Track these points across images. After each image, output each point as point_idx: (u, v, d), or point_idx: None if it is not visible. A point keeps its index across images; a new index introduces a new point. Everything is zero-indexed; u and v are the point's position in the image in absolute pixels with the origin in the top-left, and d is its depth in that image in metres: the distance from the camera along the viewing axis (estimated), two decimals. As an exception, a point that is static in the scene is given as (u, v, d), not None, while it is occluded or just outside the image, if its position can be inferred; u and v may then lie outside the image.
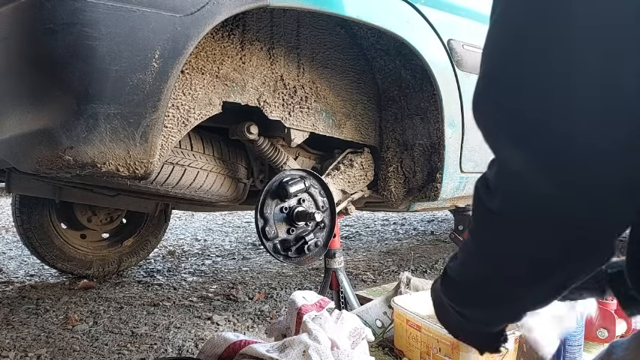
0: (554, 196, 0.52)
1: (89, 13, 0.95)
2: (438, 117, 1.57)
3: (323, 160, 1.78)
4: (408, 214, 4.42)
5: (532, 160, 0.52)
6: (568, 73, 0.50)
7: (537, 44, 0.51)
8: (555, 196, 0.52)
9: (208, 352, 1.31)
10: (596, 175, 0.50)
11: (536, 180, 0.52)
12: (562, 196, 0.51)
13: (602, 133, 0.49)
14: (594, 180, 0.50)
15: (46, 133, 0.98)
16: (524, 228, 0.57)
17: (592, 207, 0.52)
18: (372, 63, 1.69)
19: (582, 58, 0.49)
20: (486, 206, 0.60)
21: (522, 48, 0.53)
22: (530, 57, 0.52)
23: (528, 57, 0.52)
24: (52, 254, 2.39)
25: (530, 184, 0.53)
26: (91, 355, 1.60)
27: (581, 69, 0.49)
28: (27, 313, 1.97)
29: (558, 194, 0.52)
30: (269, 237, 1.44)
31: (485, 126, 0.59)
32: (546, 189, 0.52)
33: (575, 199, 0.51)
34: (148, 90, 1.02)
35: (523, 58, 0.53)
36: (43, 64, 0.98)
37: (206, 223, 4.24)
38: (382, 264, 2.85)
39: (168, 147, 1.20)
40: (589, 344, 1.43)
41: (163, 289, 2.33)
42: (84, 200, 2.31)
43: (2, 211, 4.71)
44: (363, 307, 1.68)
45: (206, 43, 1.30)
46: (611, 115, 0.49)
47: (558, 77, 0.50)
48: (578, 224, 0.53)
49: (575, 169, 0.50)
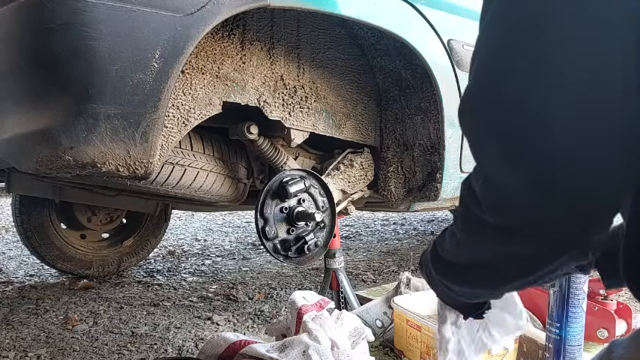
0: (543, 207, 0.54)
1: (89, 13, 0.95)
2: (438, 117, 1.57)
3: (323, 160, 1.78)
4: (408, 214, 4.42)
5: (521, 175, 0.54)
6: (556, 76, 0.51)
7: (529, 54, 0.52)
8: (544, 207, 0.54)
9: (208, 352, 1.31)
10: (581, 188, 0.52)
11: (525, 193, 0.54)
12: (551, 208, 0.54)
13: (586, 144, 0.51)
14: (578, 194, 0.52)
15: (46, 133, 0.98)
16: (514, 236, 0.59)
17: (579, 218, 0.54)
18: (372, 63, 1.69)
19: (571, 63, 0.50)
20: (475, 213, 0.62)
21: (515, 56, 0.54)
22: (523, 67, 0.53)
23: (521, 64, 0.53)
24: (52, 254, 2.39)
25: (519, 198, 0.55)
26: (91, 355, 1.60)
27: (571, 73, 0.50)
28: (27, 313, 1.97)
29: (548, 206, 0.54)
30: (269, 237, 1.44)
31: (476, 135, 0.60)
32: (535, 201, 0.54)
33: (563, 210, 0.54)
34: (148, 90, 1.02)
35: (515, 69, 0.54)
36: (43, 64, 0.98)
37: (206, 223, 4.24)
38: (382, 264, 2.85)
39: (168, 147, 1.20)
40: (589, 344, 1.43)
41: (163, 289, 2.33)
42: (84, 200, 2.31)
43: (2, 211, 4.71)
44: (363, 307, 1.68)
45: (206, 43, 1.30)
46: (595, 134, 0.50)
47: (548, 89, 0.52)
48: (565, 230, 0.56)
49: (560, 180, 0.52)
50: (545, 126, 0.52)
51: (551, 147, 0.51)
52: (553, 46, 0.51)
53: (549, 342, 1.25)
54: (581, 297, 1.22)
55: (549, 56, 0.51)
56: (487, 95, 0.57)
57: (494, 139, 0.56)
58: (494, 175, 0.58)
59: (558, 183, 0.52)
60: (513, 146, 0.54)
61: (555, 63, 0.51)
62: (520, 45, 0.53)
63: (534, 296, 1.54)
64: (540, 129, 0.52)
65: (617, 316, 1.52)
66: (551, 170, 0.52)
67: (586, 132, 0.50)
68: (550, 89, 0.51)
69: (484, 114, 0.57)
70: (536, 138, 0.52)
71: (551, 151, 0.52)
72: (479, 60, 0.59)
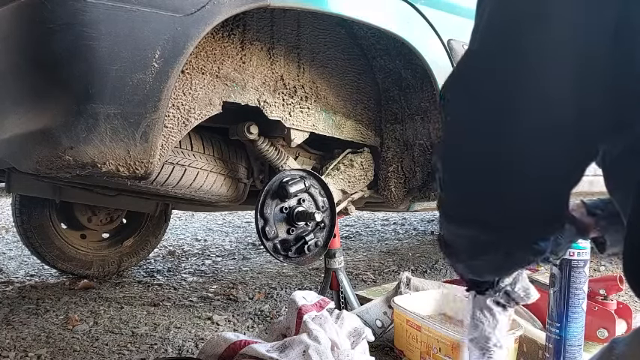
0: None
1: (89, 13, 0.95)
2: (439, 117, 1.57)
3: (323, 160, 1.78)
4: (408, 214, 4.42)
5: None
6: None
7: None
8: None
9: (208, 352, 1.31)
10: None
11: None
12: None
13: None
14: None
15: (46, 133, 0.98)
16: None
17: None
18: (372, 63, 1.69)
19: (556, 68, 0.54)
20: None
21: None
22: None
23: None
24: (52, 254, 2.39)
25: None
26: (91, 355, 1.60)
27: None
28: (27, 313, 1.97)
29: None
30: (269, 237, 1.44)
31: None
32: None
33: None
34: (148, 90, 1.02)
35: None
36: (43, 64, 0.98)
37: (206, 223, 4.24)
38: (382, 264, 2.85)
39: (168, 147, 1.20)
40: (589, 344, 1.43)
41: (163, 289, 2.33)
42: (84, 200, 2.31)
43: (2, 211, 4.71)
44: (363, 307, 1.68)
45: (206, 43, 1.30)
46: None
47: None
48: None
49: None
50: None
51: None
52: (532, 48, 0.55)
53: (549, 342, 1.26)
54: (581, 297, 1.22)
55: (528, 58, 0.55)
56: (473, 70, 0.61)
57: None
58: (455, 158, 0.63)
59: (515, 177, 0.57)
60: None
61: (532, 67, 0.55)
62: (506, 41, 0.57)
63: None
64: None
65: (617, 316, 1.52)
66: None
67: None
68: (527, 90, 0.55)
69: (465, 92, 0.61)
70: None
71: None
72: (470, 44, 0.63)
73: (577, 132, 0.55)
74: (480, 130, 0.57)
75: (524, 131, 0.55)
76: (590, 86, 0.53)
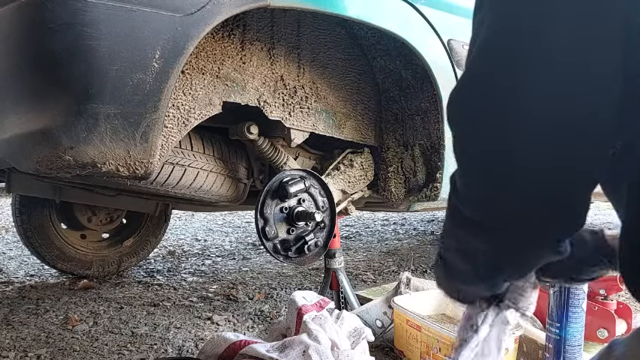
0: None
1: (89, 13, 0.95)
2: (439, 117, 1.57)
3: (323, 160, 1.78)
4: (408, 214, 4.42)
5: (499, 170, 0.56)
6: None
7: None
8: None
9: (208, 352, 1.31)
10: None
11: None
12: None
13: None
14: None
15: (46, 133, 0.98)
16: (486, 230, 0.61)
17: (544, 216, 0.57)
18: (372, 63, 1.69)
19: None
20: (456, 205, 0.63)
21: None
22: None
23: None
24: (52, 254, 2.39)
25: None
26: (91, 356, 1.60)
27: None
28: (27, 313, 1.97)
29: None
30: (269, 237, 1.44)
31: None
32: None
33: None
34: (148, 90, 1.02)
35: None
36: (43, 64, 0.98)
37: (206, 223, 4.24)
38: (382, 264, 2.85)
39: (168, 147, 1.20)
40: (589, 344, 1.43)
41: (163, 289, 2.33)
42: (84, 200, 2.31)
43: (2, 211, 4.71)
44: (363, 307, 1.68)
45: (206, 43, 1.30)
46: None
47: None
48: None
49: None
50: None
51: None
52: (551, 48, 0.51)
53: (549, 342, 1.25)
54: (581, 297, 1.22)
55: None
56: (477, 85, 0.57)
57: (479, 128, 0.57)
58: (471, 167, 0.59)
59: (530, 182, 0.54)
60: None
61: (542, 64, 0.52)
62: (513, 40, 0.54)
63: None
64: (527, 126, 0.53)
65: (617, 316, 1.52)
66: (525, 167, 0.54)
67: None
68: (540, 85, 0.52)
69: (473, 104, 0.57)
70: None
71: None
72: (471, 52, 0.60)
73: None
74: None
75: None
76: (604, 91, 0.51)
